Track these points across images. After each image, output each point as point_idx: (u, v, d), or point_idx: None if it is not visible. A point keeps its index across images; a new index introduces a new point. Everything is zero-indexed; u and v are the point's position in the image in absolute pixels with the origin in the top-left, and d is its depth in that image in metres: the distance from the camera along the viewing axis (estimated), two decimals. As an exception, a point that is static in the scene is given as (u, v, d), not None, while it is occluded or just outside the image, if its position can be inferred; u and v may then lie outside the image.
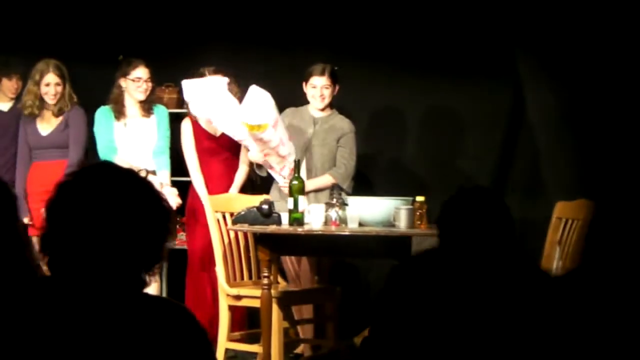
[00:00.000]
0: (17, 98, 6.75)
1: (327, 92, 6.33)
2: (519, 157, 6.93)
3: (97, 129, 6.57)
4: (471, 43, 6.94)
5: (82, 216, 2.23)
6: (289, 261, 6.16)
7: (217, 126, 6.29)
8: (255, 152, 6.17)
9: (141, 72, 6.44)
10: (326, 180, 6.23)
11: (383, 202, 5.77)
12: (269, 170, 6.26)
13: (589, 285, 2.32)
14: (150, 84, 6.50)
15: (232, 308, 5.74)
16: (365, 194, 6.14)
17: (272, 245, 5.49)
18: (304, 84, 6.39)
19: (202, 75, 6.33)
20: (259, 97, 5.95)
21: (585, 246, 5.06)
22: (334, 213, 5.51)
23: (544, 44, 6.57)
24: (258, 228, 5.47)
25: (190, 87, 6.21)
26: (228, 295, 5.73)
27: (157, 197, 2.36)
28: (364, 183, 6.68)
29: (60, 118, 6.51)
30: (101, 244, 2.23)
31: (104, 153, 6.49)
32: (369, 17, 7.16)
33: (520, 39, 6.72)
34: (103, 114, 6.54)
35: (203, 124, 6.45)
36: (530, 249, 5.87)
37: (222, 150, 6.52)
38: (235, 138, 6.22)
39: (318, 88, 6.29)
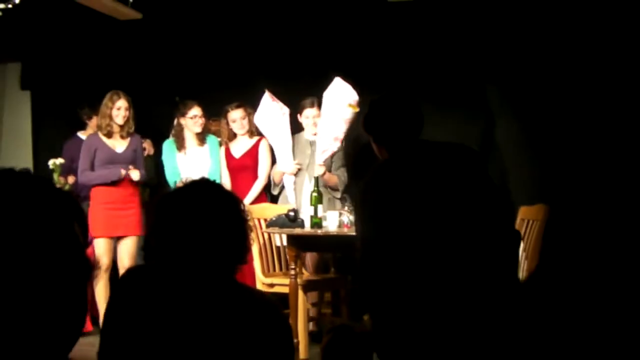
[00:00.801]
0: None
1: (318, 120, 6.89)
2: (490, 171, 7.23)
3: (164, 158, 7.34)
4: (450, 80, 7.30)
5: (187, 219, 2.50)
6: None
7: (271, 142, 7.05)
8: (291, 164, 6.94)
9: (196, 111, 7.19)
10: (335, 179, 6.85)
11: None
12: (285, 184, 6.98)
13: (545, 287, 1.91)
14: (203, 119, 7.22)
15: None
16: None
17: (297, 244, 6.11)
18: (298, 115, 7.01)
19: (226, 111, 7.14)
20: (343, 86, 6.65)
21: (543, 242, 6.00)
22: (345, 218, 6.09)
23: (509, 81, 7.14)
24: (286, 230, 6.11)
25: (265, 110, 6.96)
26: (263, 283, 6.43)
27: (237, 204, 2.63)
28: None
29: (128, 139, 7.09)
30: (200, 240, 2.48)
31: (170, 176, 7.24)
32: (350, 52, 7.51)
33: (490, 76, 7.21)
34: (168, 146, 7.30)
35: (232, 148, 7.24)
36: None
37: (241, 169, 7.25)
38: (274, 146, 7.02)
39: (310, 118, 6.95)
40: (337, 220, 6.11)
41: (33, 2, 6.91)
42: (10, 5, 6.81)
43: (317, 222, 6.15)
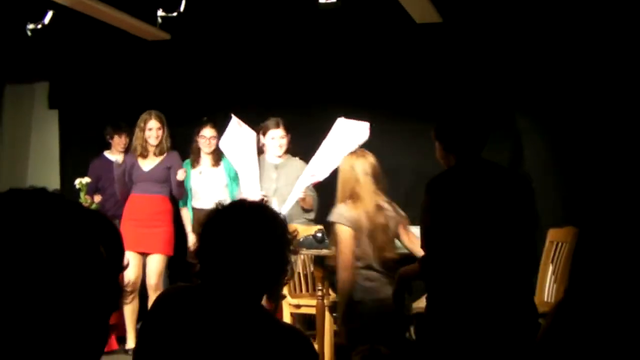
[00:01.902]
0: (126, 151, 7.52)
1: (284, 142, 6.85)
2: None
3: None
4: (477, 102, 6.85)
5: (228, 241, 2.50)
6: None
7: (236, 167, 6.89)
8: (257, 192, 6.64)
9: (206, 132, 7.25)
10: (311, 200, 6.72)
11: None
12: None
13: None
14: (215, 140, 7.20)
15: (293, 315, 6.46)
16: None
17: (324, 265, 6.00)
18: (261, 136, 6.81)
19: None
20: (348, 124, 6.55)
21: (572, 265, 5.99)
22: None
23: (537, 104, 7.12)
24: (314, 251, 6.03)
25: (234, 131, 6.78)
26: (290, 304, 6.43)
27: (282, 226, 2.60)
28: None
29: (161, 157, 7.15)
30: (242, 263, 2.48)
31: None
32: (377, 73, 7.54)
33: (518, 99, 7.21)
34: (185, 166, 7.29)
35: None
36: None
37: None
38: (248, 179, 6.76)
39: (277, 139, 6.81)
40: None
41: (61, 21, 6.99)
42: (39, 26, 6.90)
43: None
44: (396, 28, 7.33)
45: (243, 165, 6.84)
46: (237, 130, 6.83)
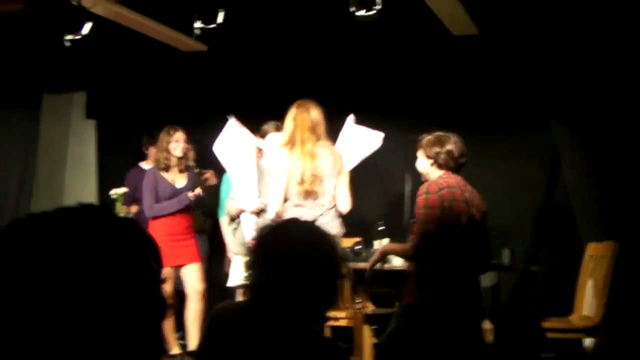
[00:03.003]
0: None
1: None
2: (556, 209, 7.22)
3: (222, 189, 7.25)
4: (515, 114, 7.31)
5: (278, 261, 2.50)
6: None
7: (230, 174, 6.54)
8: (255, 201, 6.26)
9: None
10: None
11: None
12: (244, 223, 6.36)
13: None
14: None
15: (328, 327, 6.52)
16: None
17: (361, 278, 5.85)
18: (259, 139, 6.46)
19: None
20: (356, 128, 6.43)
21: (612, 279, 5.99)
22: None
23: (575, 115, 7.07)
24: (351, 264, 5.91)
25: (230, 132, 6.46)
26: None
27: (333, 248, 2.59)
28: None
29: (187, 174, 7.16)
30: (295, 287, 2.48)
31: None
32: (414, 85, 7.56)
33: (555, 111, 7.16)
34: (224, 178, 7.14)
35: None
36: (568, 283, 6.58)
37: None
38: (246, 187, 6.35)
39: (278, 142, 6.21)
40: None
41: (99, 32, 7.05)
42: (78, 37, 6.96)
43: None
44: (433, 40, 7.33)
45: (239, 170, 6.49)
46: (235, 132, 6.53)
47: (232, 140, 6.49)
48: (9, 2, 7.34)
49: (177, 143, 7.08)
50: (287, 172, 5.76)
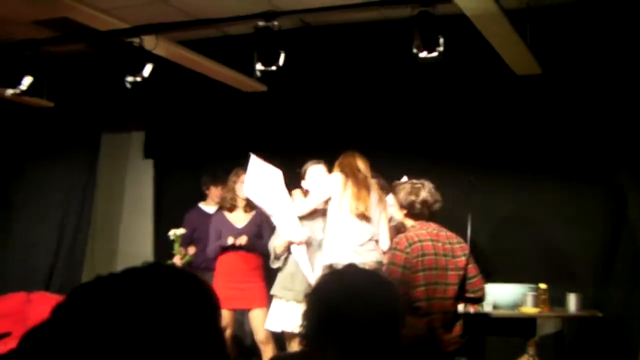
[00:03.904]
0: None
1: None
2: (622, 252, 6.98)
3: None
4: (580, 154, 7.15)
5: (346, 309, 2.47)
6: None
7: (268, 212, 6.41)
8: (302, 231, 6.23)
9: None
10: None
11: (513, 288, 6.35)
12: (297, 257, 6.30)
13: None
14: None
15: None
16: (492, 280, 6.29)
17: None
18: (302, 181, 6.47)
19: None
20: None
21: None
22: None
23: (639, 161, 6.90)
24: None
25: (256, 168, 6.42)
26: None
27: (394, 295, 2.62)
28: (493, 271, 6.67)
29: (252, 213, 7.12)
30: (351, 329, 2.45)
31: None
32: (478, 125, 7.50)
33: (621, 150, 6.99)
34: None
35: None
36: (635, 330, 6.44)
37: None
38: (283, 223, 6.32)
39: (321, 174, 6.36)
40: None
41: (159, 71, 7.07)
42: (139, 79, 6.98)
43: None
44: (497, 80, 7.26)
45: (275, 205, 6.37)
46: (259, 168, 6.49)
47: (260, 177, 6.46)
48: (71, 43, 7.42)
49: (242, 184, 6.98)
50: (333, 192, 6.06)
